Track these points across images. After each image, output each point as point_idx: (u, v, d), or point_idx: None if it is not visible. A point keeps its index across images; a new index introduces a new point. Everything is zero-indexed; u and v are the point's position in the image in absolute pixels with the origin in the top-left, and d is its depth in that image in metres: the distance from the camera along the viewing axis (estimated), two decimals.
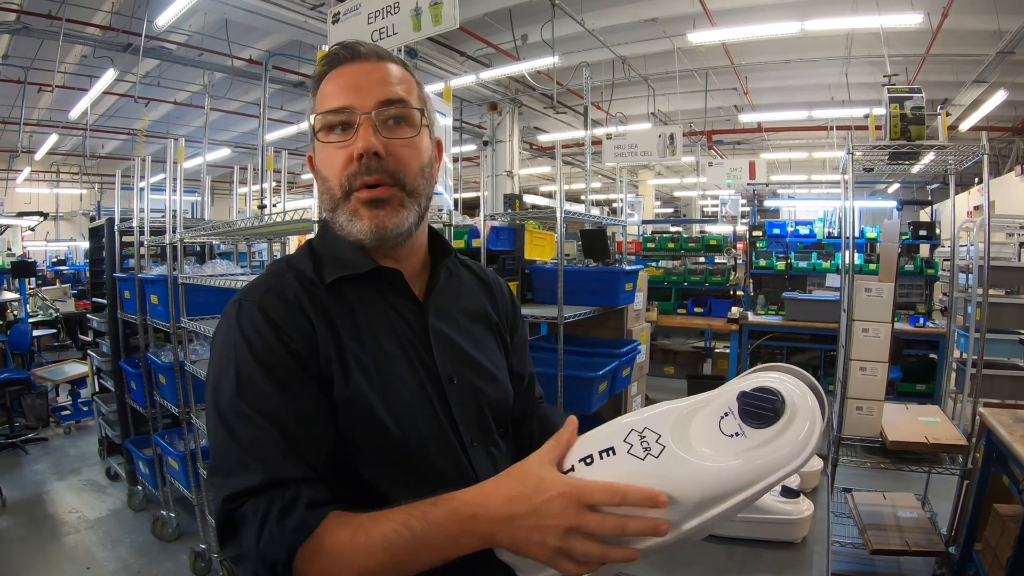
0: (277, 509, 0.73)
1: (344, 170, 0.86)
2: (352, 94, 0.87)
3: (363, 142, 0.85)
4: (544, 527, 0.69)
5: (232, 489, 0.75)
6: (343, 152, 0.86)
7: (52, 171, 15.99)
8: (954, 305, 3.81)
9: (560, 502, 0.69)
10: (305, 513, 0.73)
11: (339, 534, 0.72)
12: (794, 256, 6.79)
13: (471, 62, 8.10)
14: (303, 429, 0.79)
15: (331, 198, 0.89)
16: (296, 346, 0.81)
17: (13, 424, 5.46)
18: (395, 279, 0.93)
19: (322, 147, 0.89)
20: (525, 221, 3.95)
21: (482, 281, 1.11)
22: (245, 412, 0.77)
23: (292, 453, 0.77)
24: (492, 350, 1.03)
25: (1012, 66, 7.64)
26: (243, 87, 9.24)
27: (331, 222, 0.91)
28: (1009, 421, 2.49)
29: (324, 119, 0.87)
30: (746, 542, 1.14)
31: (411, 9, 2.58)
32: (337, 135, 0.87)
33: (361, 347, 0.86)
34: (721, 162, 10.02)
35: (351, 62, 0.90)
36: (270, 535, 0.72)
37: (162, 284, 3.39)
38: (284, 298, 0.84)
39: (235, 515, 0.74)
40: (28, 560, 3.51)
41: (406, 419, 0.86)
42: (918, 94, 2.88)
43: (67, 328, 9.06)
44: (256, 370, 0.79)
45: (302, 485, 0.76)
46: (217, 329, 0.87)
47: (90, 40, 7.11)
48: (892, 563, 3.24)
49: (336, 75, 0.89)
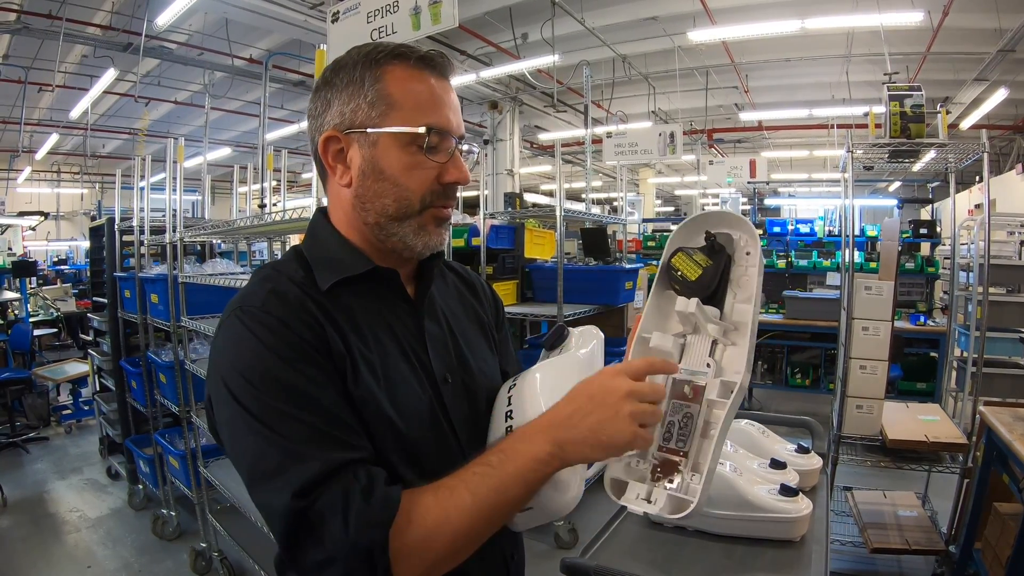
0: (359, 490, 0.70)
1: (429, 187, 0.87)
2: (454, 118, 0.88)
3: (463, 175, 0.88)
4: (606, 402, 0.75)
5: (297, 485, 0.70)
6: (433, 171, 0.87)
7: (53, 171, 16.01)
8: (954, 303, 3.81)
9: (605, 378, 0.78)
10: (387, 489, 0.72)
11: (423, 499, 0.73)
12: (794, 254, 6.79)
13: (471, 61, 8.10)
14: (339, 413, 0.77)
15: (401, 207, 0.87)
16: (309, 339, 0.79)
17: (14, 423, 5.47)
18: (392, 280, 0.92)
19: (411, 156, 0.86)
20: (525, 220, 3.96)
21: (466, 282, 1.11)
22: (278, 407, 0.74)
23: (343, 436, 0.75)
24: (484, 350, 1.04)
25: (1013, 64, 7.64)
26: (243, 86, 9.25)
27: (381, 228, 0.88)
28: (1009, 420, 2.49)
29: (431, 137, 0.85)
30: (745, 541, 1.14)
31: (410, 8, 2.58)
32: (430, 154, 0.86)
33: (365, 345, 0.85)
34: (722, 160, 10.02)
35: (443, 77, 0.89)
36: (358, 519, 0.69)
37: (162, 283, 3.40)
38: (287, 300, 0.82)
39: (309, 513, 0.70)
40: (29, 559, 3.51)
41: (412, 418, 0.86)
42: (918, 92, 2.87)
43: (68, 327, 9.08)
44: (279, 365, 0.76)
45: (370, 466, 0.75)
46: (217, 342, 0.83)
47: (90, 40, 7.11)
48: (892, 562, 3.24)
49: (434, 86, 0.87)
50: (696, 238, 0.91)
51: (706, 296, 0.87)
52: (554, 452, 0.75)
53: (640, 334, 0.91)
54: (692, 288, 0.87)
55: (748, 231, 0.89)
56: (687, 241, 0.93)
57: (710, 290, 0.86)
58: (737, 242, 0.90)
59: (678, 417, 0.83)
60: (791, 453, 1.34)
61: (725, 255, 0.88)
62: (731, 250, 0.89)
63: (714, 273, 0.86)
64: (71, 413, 5.99)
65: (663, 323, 0.91)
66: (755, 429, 1.38)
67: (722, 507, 1.12)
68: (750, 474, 1.18)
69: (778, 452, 1.32)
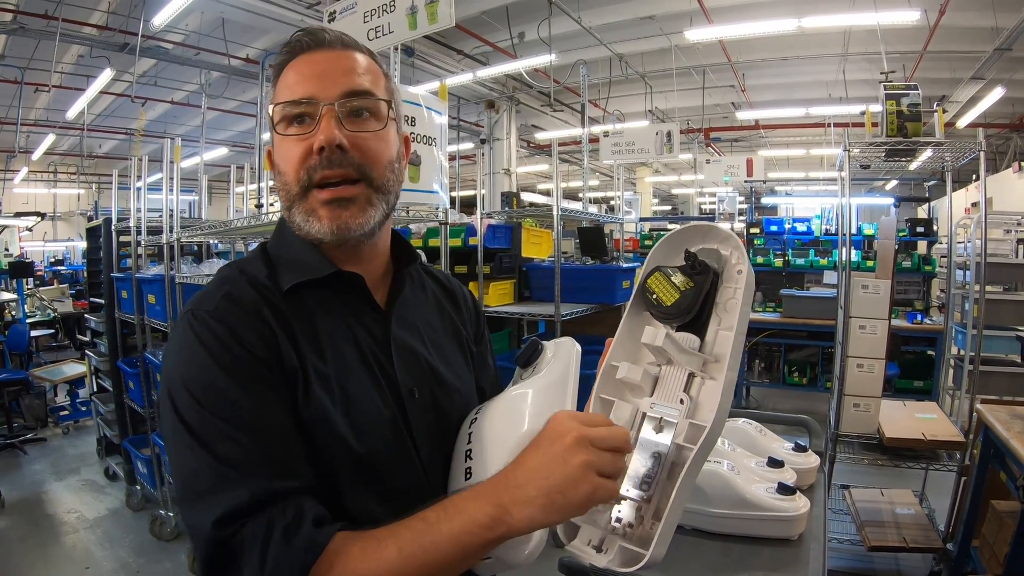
0: (281, 528, 0.65)
1: (303, 164, 0.80)
2: (314, 83, 0.80)
3: (324, 134, 0.78)
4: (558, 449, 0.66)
5: (221, 511, 0.66)
6: (302, 145, 0.80)
7: (49, 171, 15.97)
8: (951, 302, 3.81)
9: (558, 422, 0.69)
10: (312, 531, 0.66)
11: (350, 547, 0.66)
12: (791, 253, 6.80)
13: (468, 60, 8.10)
14: (282, 436, 0.72)
15: (287, 195, 0.82)
16: (259, 351, 0.74)
17: (12, 424, 5.46)
18: (356, 284, 0.86)
19: (280, 140, 0.82)
20: (522, 219, 3.96)
21: (446, 290, 1.05)
22: (214, 424, 0.69)
23: (278, 461, 0.70)
24: (458, 363, 0.97)
25: (1009, 63, 7.64)
26: (240, 86, 9.22)
27: (288, 221, 0.85)
28: (1006, 417, 2.49)
29: (283, 110, 0.81)
30: (742, 539, 1.14)
31: (407, 7, 2.58)
32: (296, 127, 0.81)
33: (321, 357, 0.80)
34: (719, 159, 10.01)
35: (315, 50, 0.83)
36: (276, 560, 0.64)
37: (159, 284, 3.40)
38: (241, 305, 0.77)
39: (231, 543, 0.65)
40: (27, 560, 3.51)
41: (368, 435, 0.80)
42: (915, 91, 2.88)
43: (65, 328, 9.06)
44: (222, 377, 0.71)
45: (301, 497, 0.69)
46: (168, 345, 0.79)
47: (87, 40, 7.10)
48: (890, 560, 3.25)
49: (298, 63, 0.83)
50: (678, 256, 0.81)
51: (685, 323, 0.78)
52: (498, 516, 0.65)
53: (609, 362, 0.82)
54: (667, 314, 0.77)
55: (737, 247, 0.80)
56: (668, 259, 0.83)
57: (690, 316, 0.77)
58: (727, 259, 0.80)
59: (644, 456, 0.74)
60: (788, 451, 1.34)
61: (711, 275, 0.78)
62: (720, 268, 0.79)
63: (694, 297, 0.76)
64: (69, 414, 5.97)
65: (636, 351, 0.82)
66: (752, 428, 1.38)
67: (720, 505, 1.12)
68: (748, 472, 1.19)
69: (775, 450, 1.33)
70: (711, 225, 0.82)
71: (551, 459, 0.66)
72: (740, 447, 1.28)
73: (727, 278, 0.79)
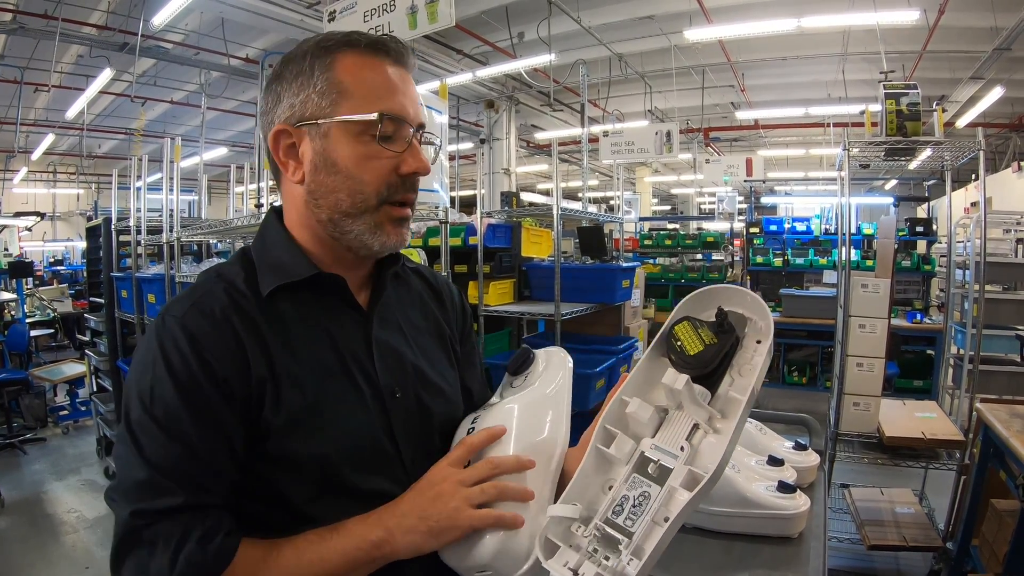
0: (198, 534, 0.70)
1: (385, 179, 0.82)
2: (409, 106, 0.83)
3: (422, 164, 0.83)
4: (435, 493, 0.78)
5: (143, 504, 0.70)
6: (392, 162, 0.82)
7: (49, 171, 15.97)
8: (951, 301, 3.81)
9: (436, 470, 0.82)
10: (225, 540, 0.71)
11: (252, 555, 0.73)
12: (791, 253, 6.82)
13: (468, 60, 8.10)
14: (214, 457, 0.75)
15: (356, 202, 0.82)
16: (219, 368, 0.75)
17: (11, 424, 5.46)
18: (337, 286, 0.86)
19: (364, 146, 0.81)
20: (522, 218, 3.95)
21: (432, 289, 1.05)
22: (154, 431, 0.73)
23: (206, 479, 0.74)
24: (442, 363, 0.97)
25: (1009, 63, 7.65)
26: (240, 86, 9.22)
27: (335, 224, 0.83)
28: (1006, 416, 2.50)
29: (385, 125, 0.80)
30: (743, 537, 1.14)
31: (407, 7, 2.58)
32: (385, 143, 0.81)
33: (295, 361, 0.80)
34: (718, 159, 10.03)
35: (398, 64, 0.84)
36: (187, 561, 0.69)
37: (159, 283, 3.40)
38: (210, 313, 0.78)
39: (143, 533, 0.70)
40: (27, 560, 3.51)
41: (343, 438, 0.81)
42: (914, 90, 2.88)
43: (65, 328, 9.06)
44: (171, 390, 0.73)
45: (222, 512, 0.74)
46: (139, 344, 0.83)
47: (86, 40, 7.09)
48: (890, 559, 3.25)
49: (387, 71, 0.83)
50: (707, 310, 0.84)
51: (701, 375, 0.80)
52: (384, 538, 0.76)
53: (620, 395, 0.84)
54: (688, 364, 0.79)
55: (765, 318, 0.82)
56: (696, 311, 0.86)
57: (707, 370, 0.79)
58: (751, 324, 0.84)
59: (635, 493, 0.75)
60: (789, 450, 1.34)
61: (733, 337, 0.81)
62: (741, 333, 0.83)
63: (716, 353, 0.79)
64: (68, 414, 5.97)
65: (648, 391, 0.84)
66: (753, 426, 1.39)
67: (720, 504, 1.12)
68: (748, 471, 1.19)
69: (776, 449, 1.33)
70: (746, 291, 0.86)
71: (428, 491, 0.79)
72: (740, 446, 1.28)
73: (747, 343, 0.82)
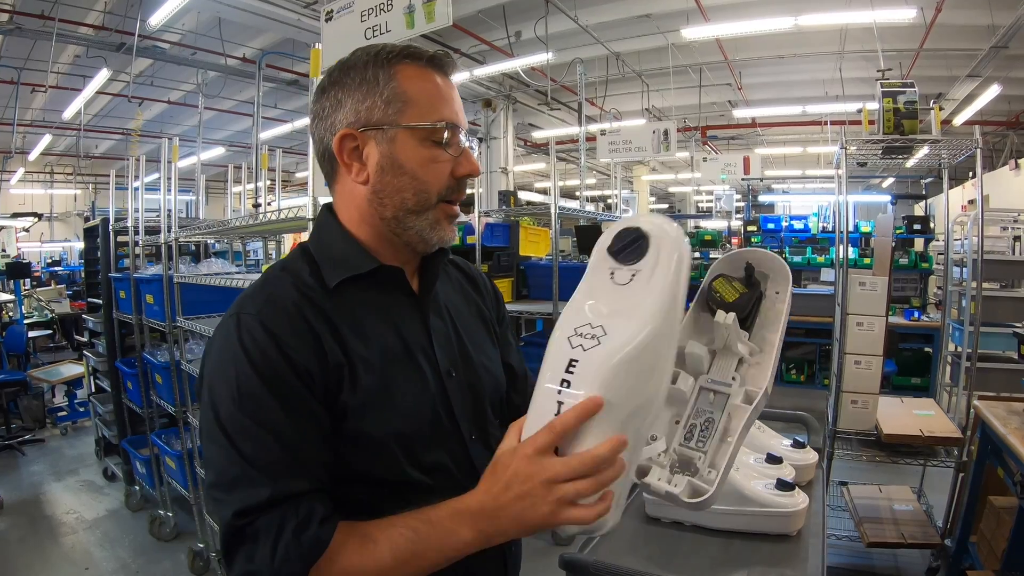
0: (292, 525, 0.74)
1: (444, 181, 0.90)
2: (460, 114, 0.91)
3: (475, 167, 0.93)
4: (525, 493, 0.73)
5: (241, 504, 0.75)
6: (449, 165, 0.90)
7: (46, 172, 15.93)
8: (948, 299, 3.82)
9: (521, 464, 0.74)
10: (319, 529, 0.75)
11: (348, 545, 0.76)
12: (789, 251, 6.83)
13: (465, 59, 8.09)
14: (306, 444, 0.79)
15: (420, 200, 0.89)
16: (299, 358, 0.80)
17: (10, 426, 5.45)
18: (396, 277, 0.93)
19: (428, 150, 0.89)
20: (520, 218, 3.96)
21: (468, 277, 1.14)
22: (247, 426, 0.77)
23: (298, 467, 0.78)
24: (486, 343, 1.06)
25: (1006, 61, 7.66)
26: (237, 86, 9.22)
27: (399, 221, 0.90)
28: (1003, 414, 2.50)
29: (446, 132, 0.89)
30: (742, 535, 1.15)
31: (404, 6, 2.57)
32: (442, 148, 0.89)
33: (365, 347, 0.86)
34: (715, 157, 10.02)
35: (448, 77, 0.93)
36: (286, 551, 0.73)
37: (157, 284, 3.39)
38: (283, 308, 0.83)
39: (247, 530, 0.75)
40: (26, 561, 3.50)
41: (411, 416, 0.88)
42: (911, 88, 2.89)
43: (63, 329, 9.05)
44: (258, 384, 0.78)
45: (313, 498, 0.78)
46: (212, 343, 0.86)
47: (83, 40, 7.08)
48: (888, 556, 3.26)
49: (441, 85, 0.91)
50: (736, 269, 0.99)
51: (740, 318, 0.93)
52: (478, 539, 0.77)
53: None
54: (728, 309, 0.93)
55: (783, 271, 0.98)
56: (728, 269, 1.00)
57: (744, 313, 0.93)
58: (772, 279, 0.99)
59: (700, 420, 0.88)
60: (787, 448, 1.34)
61: (759, 290, 0.97)
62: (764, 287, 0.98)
63: (749, 299, 0.94)
64: (67, 415, 5.96)
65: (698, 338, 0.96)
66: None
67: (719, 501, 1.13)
68: (747, 469, 1.19)
69: (774, 447, 1.33)
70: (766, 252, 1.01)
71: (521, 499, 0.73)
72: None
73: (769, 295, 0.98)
